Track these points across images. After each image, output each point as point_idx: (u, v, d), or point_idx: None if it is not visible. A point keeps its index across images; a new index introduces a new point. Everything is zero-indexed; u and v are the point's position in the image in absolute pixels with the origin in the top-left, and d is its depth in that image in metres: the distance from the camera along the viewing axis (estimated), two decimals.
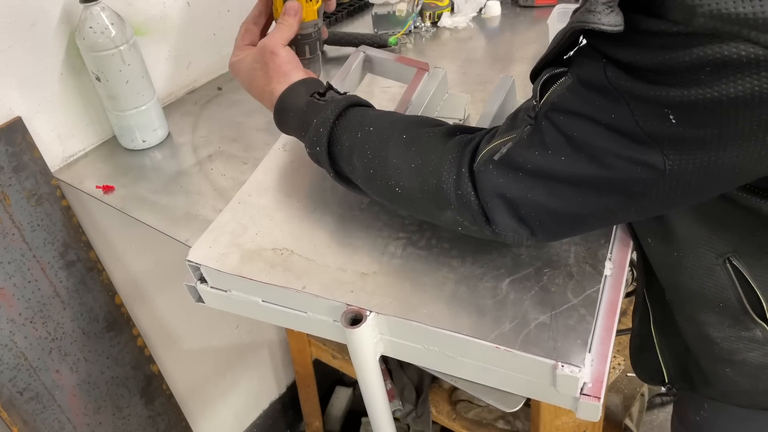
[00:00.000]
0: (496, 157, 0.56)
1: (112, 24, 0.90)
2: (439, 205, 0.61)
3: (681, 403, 0.90)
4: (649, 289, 0.74)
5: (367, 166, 0.64)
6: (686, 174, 0.47)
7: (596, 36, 0.47)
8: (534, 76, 0.57)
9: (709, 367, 0.72)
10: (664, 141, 0.46)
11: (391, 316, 0.62)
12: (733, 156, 0.45)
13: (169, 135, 1.05)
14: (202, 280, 0.72)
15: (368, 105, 0.72)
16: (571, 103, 0.51)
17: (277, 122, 0.75)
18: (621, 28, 0.45)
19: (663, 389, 0.82)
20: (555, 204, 0.54)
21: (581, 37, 0.52)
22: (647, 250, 0.69)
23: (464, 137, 0.61)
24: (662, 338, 0.76)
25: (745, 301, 0.64)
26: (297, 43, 0.82)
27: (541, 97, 0.54)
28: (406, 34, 1.31)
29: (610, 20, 0.45)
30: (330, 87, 0.73)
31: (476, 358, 0.61)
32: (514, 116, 0.58)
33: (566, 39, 0.51)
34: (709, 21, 0.41)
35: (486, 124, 0.85)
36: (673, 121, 0.45)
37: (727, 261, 0.63)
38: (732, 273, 0.63)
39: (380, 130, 0.65)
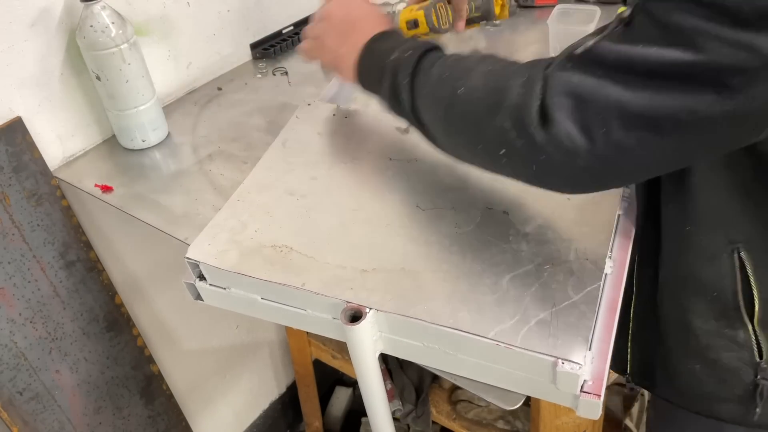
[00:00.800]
0: (578, 51, 0.51)
1: (113, 23, 0.90)
2: (494, 105, 0.55)
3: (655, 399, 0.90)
4: (640, 272, 0.73)
5: (443, 71, 0.63)
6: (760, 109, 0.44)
7: None
8: None
9: (679, 361, 0.71)
10: (751, 67, 0.43)
11: (390, 313, 0.62)
12: None
13: (169, 135, 1.05)
14: (201, 277, 0.72)
15: None
16: None
17: (368, 47, 0.74)
18: None
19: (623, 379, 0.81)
20: (631, 101, 0.48)
21: None
22: (663, 215, 0.67)
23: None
24: (637, 329, 0.75)
25: (740, 296, 0.64)
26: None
27: None
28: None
29: None
30: None
31: (476, 355, 0.60)
32: (604, 27, 0.53)
33: None
34: None
35: None
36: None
37: (735, 251, 0.62)
38: (737, 264, 0.62)
39: (469, 53, 0.65)
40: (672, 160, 0.52)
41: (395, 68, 0.68)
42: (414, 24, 0.94)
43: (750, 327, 0.65)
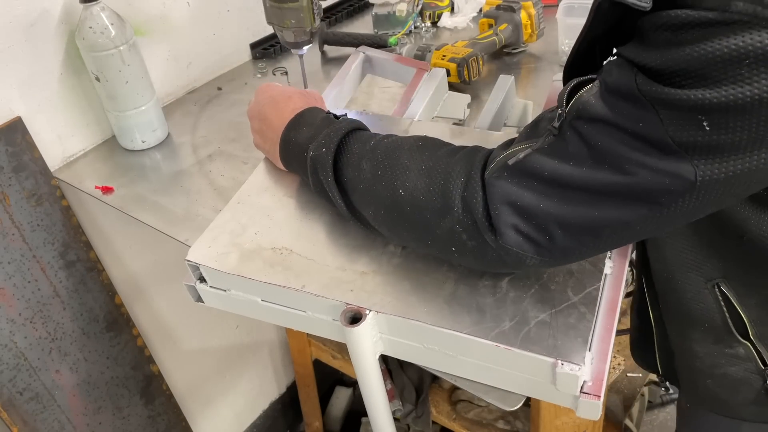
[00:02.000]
0: (510, 162, 0.53)
1: (112, 24, 0.90)
2: (440, 210, 0.57)
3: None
4: (650, 290, 0.75)
5: (376, 167, 0.62)
6: (717, 183, 0.45)
7: (624, 38, 0.46)
8: (567, 70, 0.55)
9: (690, 377, 0.73)
10: (695, 150, 0.44)
11: (390, 315, 0.62)
12: (765, 158, 0.43)
13: (168, 135, 1.05)
14: (202, 279, 0.72)
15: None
16: (597, 111, 0.48)
17: (284, 141, 0.74)
18: (649, 5, 0.44)
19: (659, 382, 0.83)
20: (569, 215, 0.51)
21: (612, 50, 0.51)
22: (650, 261, 0.70)
23: (478, 147, 0.59)
24: (660, 338, 0.77)
25: (730, 323, 0.65)
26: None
27: (567, 104, 0.51)
28: (406, 35, 1.31)
29: None
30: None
31: (476, 356, 0.60)
32: (535, 125, 0.56)
33: (596, 15, 0.49)
34: (749, 6, 0.39)
35: (486, 123, 0.85)
36: (707, 128, 0.43)
37: (715, 286, 0.64)
38: (720, 297, 0.64)
39: (394, 140, 0.64)
40: (618, 245, 0.55)
41: (314, 165, 0.67)
42: (446, 73, 0.95)
43: (748, 344, 0.66)
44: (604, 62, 0.51)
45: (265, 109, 0.78)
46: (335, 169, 0.66)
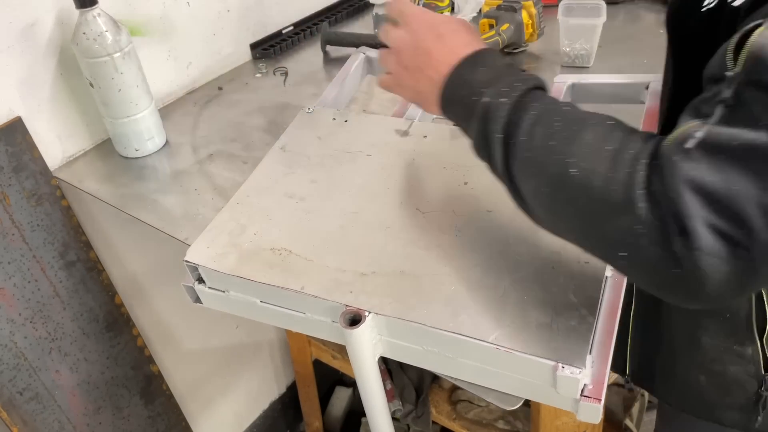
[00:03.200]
0: (688, 144, 0.43)
1: (107, 31, 0.89)
2: (620, 206, 0.45)
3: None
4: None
5: (550, 135, 0.51)
6: None
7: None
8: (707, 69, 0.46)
9: (684, 370, 0.71)
10: None
11: (390, 317, 0.61)
12: None
13: (167, 143, 1.03)
14: (200, 280, 0.72)
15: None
16: None
17: (453, 79, 0.61)
18: None
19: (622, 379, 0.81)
20: None
21: None
22: None
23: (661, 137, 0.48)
24: (638, 332, 0.75)
25: (753, 317, 0.64)
26: None
27: (736, 63, 0.42)
28: None
29: None
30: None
31: (476, 358, 0.60)
32: (695, 108, 0.46)
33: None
34: None
35: None
36: None
37: None
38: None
39: (579, 111, 0.53)
40: None
41: (486, 113, 0.56)
42: None
43: (759, 344, 0.65)
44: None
45: (426, 40, 0.64)
46: (507, 124, 0.55)
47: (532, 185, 0.54)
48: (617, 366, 0.79)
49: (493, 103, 0.56)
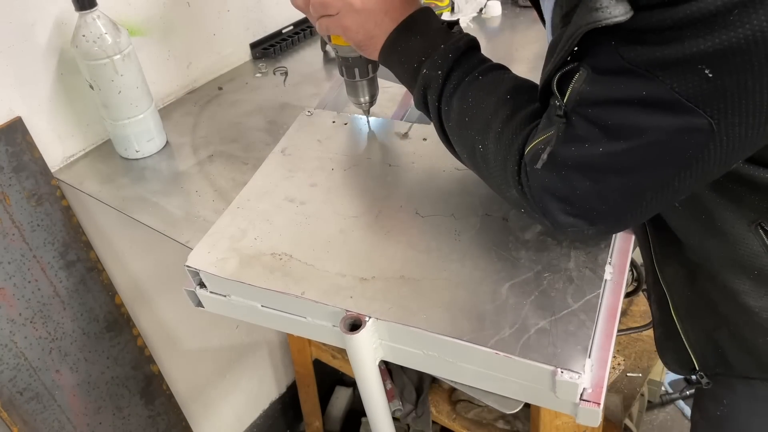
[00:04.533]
0: (538, 165, 0.55)
1: (106, 33, 0.89)
2: (505, 183, 0.60)
3: (701, 396, 0.88)
4: (664, 272, 0.72)
5: (465, 111, 0.63)
6: (735, 126, 0.45)
7: (603, 29, 0.45)
8: (544, 90, 0.55)
9: (749, 337, 0.68)
10: (704, 100, 0.44)
11: (390, 322, 0.61)
12: None
13: (167, 144, 1.03)
14: (202, 285, 0.72)
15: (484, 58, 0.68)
16: (596, 94, 0.49)
17: (391, 43, 0.69)
18: (631, 13, 0.44)
19: (693, 378, 0.77)
20: (606, 190, 0.53)
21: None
22: (674, 216, 0.66)
23: (531, 114, 0.60)
24: (686, 322, 0.73)
25: None
26: (345, 65, 0.80)
27: (562, 95, 0.52)
28: None
29: (620, 9, 0.44)
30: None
31: (476, 363, 0.60)
32: (548, 116, 0.56)
33: (572, 44, 0.49)
34: None
35: None
36: (710, 75, 0.43)
37: (758, 226, 0.60)
38: (765, 238, 0.60)
39: (490, 81, 0.63)
40: (671, 202, 0.57)
41: (426, 83, 0.66)
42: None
43: None
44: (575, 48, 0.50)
45: None
46: (440, 96, 0.65)
47: (457, 150, 0.67)
48: (684, 366, 0.77)
49: (430, 76, 0.65)
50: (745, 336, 0.68)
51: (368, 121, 0.90)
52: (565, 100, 0.51)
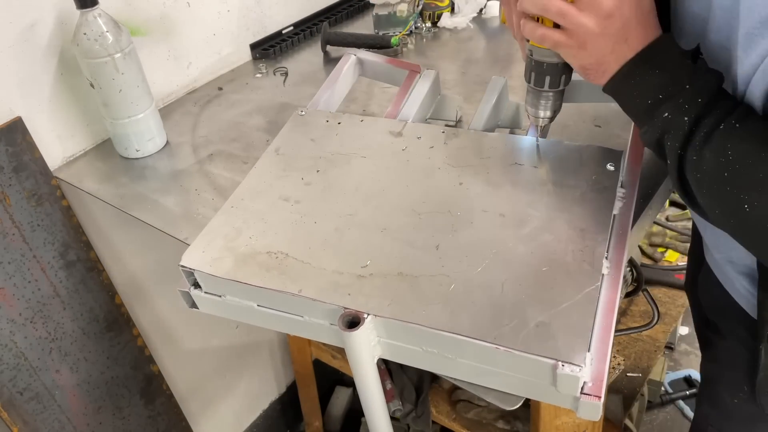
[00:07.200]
0: None
1: (107, 31, 0.89)
2: None
3: (715, 385, 0.86)
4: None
5: (722, 165, 0.53)
6: None
7: None
8: None
9: None
10: None
11: (388, 319, 0.61)
12: None
13: (167, 143, 1.03)
14: (196, 285, 0.71)
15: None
16: None
17: (624, 75, 0.61)
18: None
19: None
20: None
21: None
22: None
23: None
24: None
25: None
26: (537, 70, 0.70)
27: None
28: (407, 35, 1.31)
29: None
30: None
31: (476, 358, 0.60)
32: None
33: None
34: None
35: (480, 124, 0.85)
36: None
37: None
38: None
39: (752, 135, 0.53)
40: None
41: (666, 127, 0.58)
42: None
43: None
44: None
45: (630, 15, 0.59)
46: (684, 142, 0.57)
47: (706, 200, 0.58)
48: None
49: (673, 121, 0.57)
50: None
51: (537, 141, 0.79)
52: None
